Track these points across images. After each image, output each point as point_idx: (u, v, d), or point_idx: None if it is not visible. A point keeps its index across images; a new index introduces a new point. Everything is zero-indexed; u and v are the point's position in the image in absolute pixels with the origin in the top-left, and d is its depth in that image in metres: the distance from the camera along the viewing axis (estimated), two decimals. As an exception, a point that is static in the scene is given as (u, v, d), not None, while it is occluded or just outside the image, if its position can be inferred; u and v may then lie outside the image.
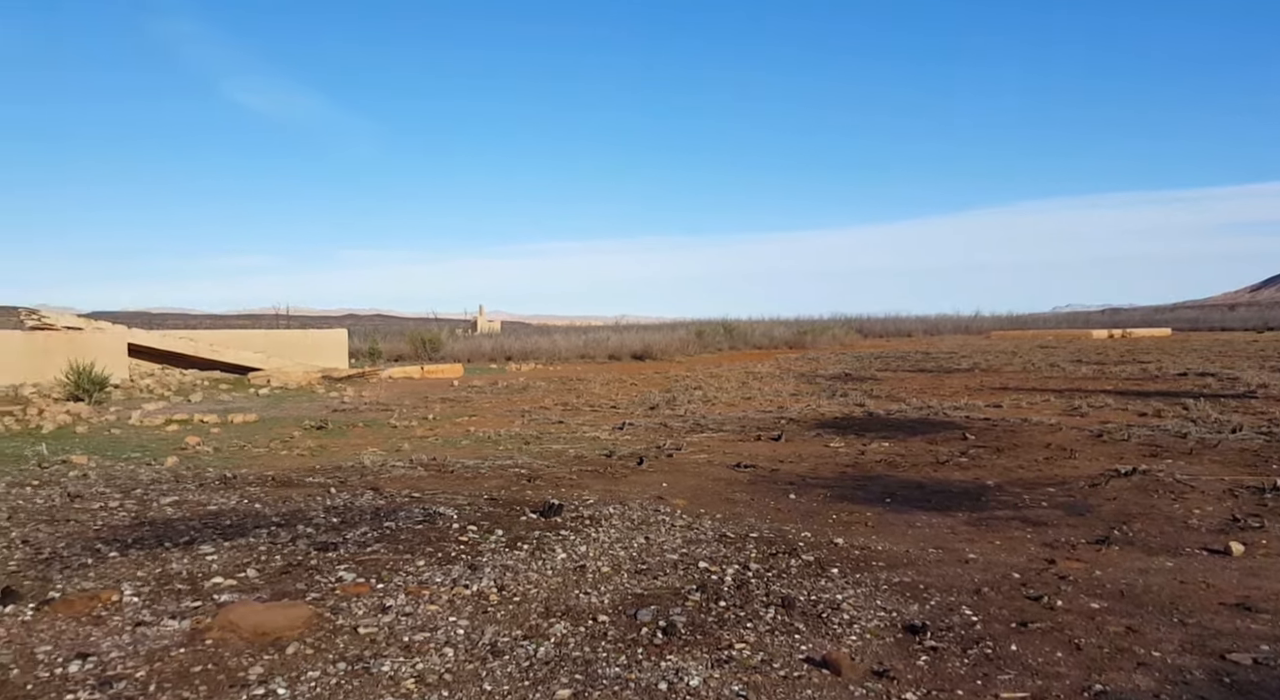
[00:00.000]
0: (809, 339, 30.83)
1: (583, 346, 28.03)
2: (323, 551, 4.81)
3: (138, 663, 3.30)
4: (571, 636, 3.62)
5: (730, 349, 29.29)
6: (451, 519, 5.56)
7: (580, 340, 29.64)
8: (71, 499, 6.23)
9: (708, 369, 21.59)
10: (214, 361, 19.24)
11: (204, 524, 5.47)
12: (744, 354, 27.59)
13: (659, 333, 31.82)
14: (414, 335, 29.20)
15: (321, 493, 6.48)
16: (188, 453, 8.63)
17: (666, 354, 26.52)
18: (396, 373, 19.87)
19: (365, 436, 9.95)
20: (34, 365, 15.92)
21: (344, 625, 3.71)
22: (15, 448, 8.99)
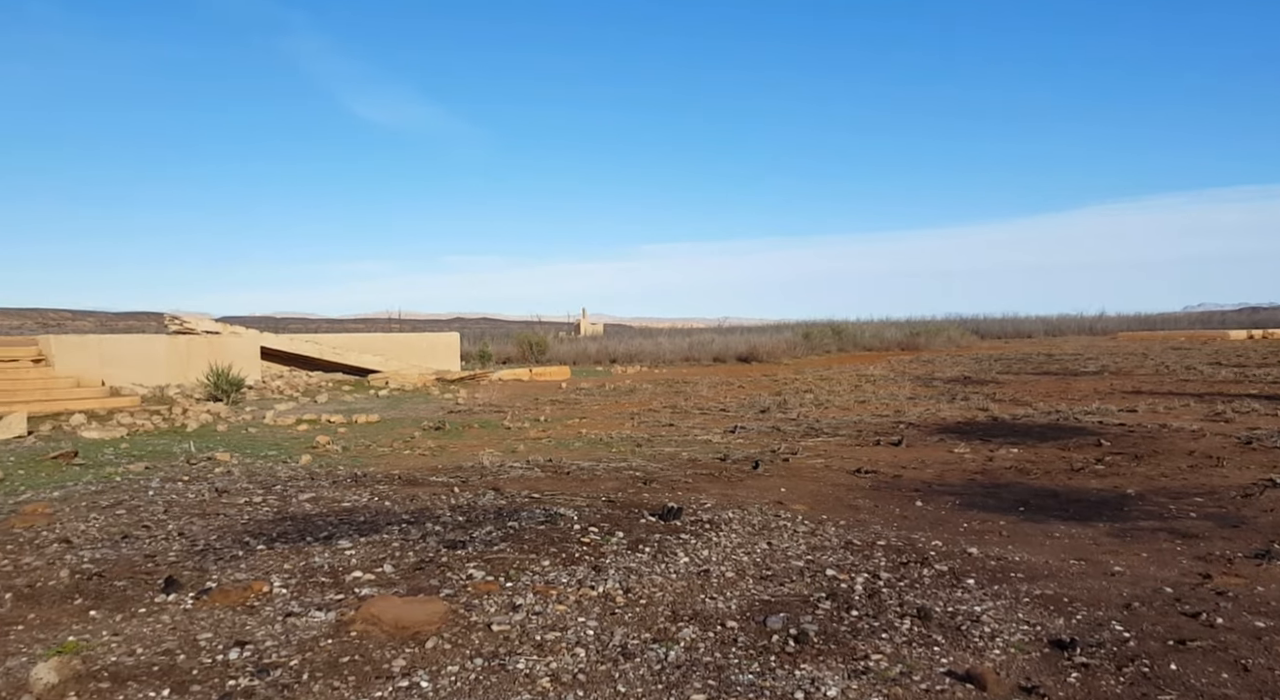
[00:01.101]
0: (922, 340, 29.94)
1: (687, 349, 28.02)
2: (452, 549, 4.94)
3: (290, 652, 3.46)
4: (701, 641, 3.60)
5: (839, 351, 28.74)
6: (572, 520, 5.62)
7: (684, 343, 29.64)
8: (219, 494, 6.60)
9: (817, 371, 21.24)
10: (336, 364, 20.09)
11: (340, 520, 5.70)
12: (854, 356, 27.02)
13: (764, 335, 31.51)
14: (521, 338, 29.80)
15: (445, 492, 6.67)
16: (319, 451, 9.02)
17: (773, 356, 26.23)
18: (506, 375, 20.31)
19: (481, 437, 10.19)
20: (177, 368, 16.98)
21: (478, 622, 3.79)
22: (165, 445, 9.60)
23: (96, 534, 5.37)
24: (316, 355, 19.85)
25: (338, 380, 19.01)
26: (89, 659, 3.34)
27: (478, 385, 18.55)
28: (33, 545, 5.10)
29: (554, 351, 28.60)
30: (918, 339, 30.27)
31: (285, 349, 19.58)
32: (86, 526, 5.55)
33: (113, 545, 5.09)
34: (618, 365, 25.38)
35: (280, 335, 20.61)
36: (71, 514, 5.91)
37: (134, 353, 16.63)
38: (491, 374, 20.30)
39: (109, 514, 5.91)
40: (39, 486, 7.03)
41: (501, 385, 18.65)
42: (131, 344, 17.05)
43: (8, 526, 5.56)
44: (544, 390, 17.05)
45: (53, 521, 5.69)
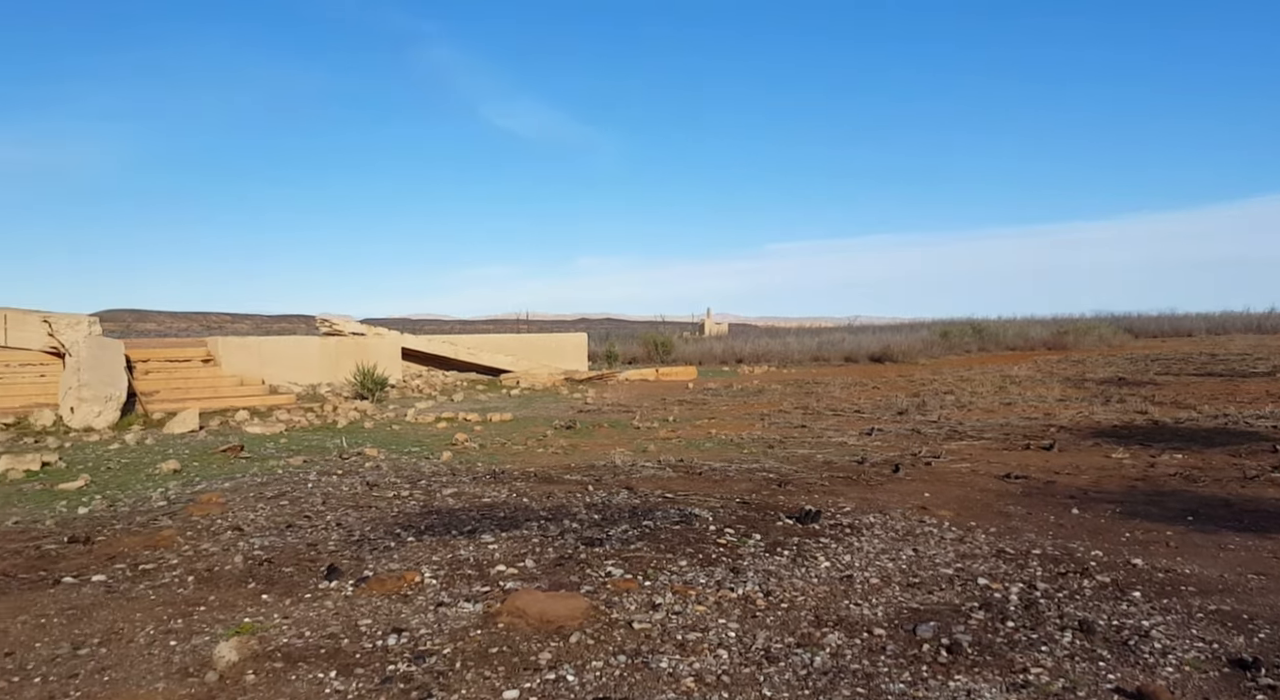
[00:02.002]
0: (1070, 339, 28.25)
1: (816, 349, 27.51)
2: (590, 546, 5.02)
3: (443, 640, 3.59)
4: (847, 648, 3.51)
5: (980, 350, 27.52)
6: (707, 521, 5.61)
7: (813, 342, 29.12)
8: (370, 487, 6.94)
9: (956, 372, 20.44)
10: (470, 364, 20.79)
11: (482, 515, 5.88)
12: (996, 356, 25.81)
13: (898, 334, 30.56)
14: (647, 338, 30.01)
15: (580, 490, 6.77)
16: (458, 448, 9.35)
17: (908, 356, 25.40)
18: (632, 375, 20.50)
19: (611, 437, 10.31)
20: (328, 367, 17.99)
21: (619, 619, 3.83)
22: (319, 440, 10.18)
23: (264, 523, 5.73)
24: (452, 355, 20.60)
25: (472, 379, 19.67)
26: (264, 640, 3.57)
27: (605, 385, 18.80)
28: (209, 532, 5.49)
29: (679, 352, 28.68)
30: (1065, 338, 28.60)
31: (424, 349, 20.41)
32: (255, 515, 5.94)
33: (279, 534, 5.42)
34: (744, 365, 25.20)
35: (419, 336, 21.50)
36: (241, 504, 6.34)
37: (289, 353, 17.72)
38: (618, 374, 20.54)
39: (274, 504, 6.30)
40: (211, 478, 7.58)
41: (628, 385, 18.84)
42: (287, 345, 18.18)
43: (187, 514, 6.02)
44: (670, 390, 17.11)
45: (225, 510, 6.11)
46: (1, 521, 5.99)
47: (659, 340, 29.14)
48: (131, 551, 5.06)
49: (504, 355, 20.97)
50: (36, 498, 6.86)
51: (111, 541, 5.32)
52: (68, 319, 13.32)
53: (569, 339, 23.65)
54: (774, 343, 30.08)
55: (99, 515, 6.15)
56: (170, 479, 7.57)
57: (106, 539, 5.38)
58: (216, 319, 65.11)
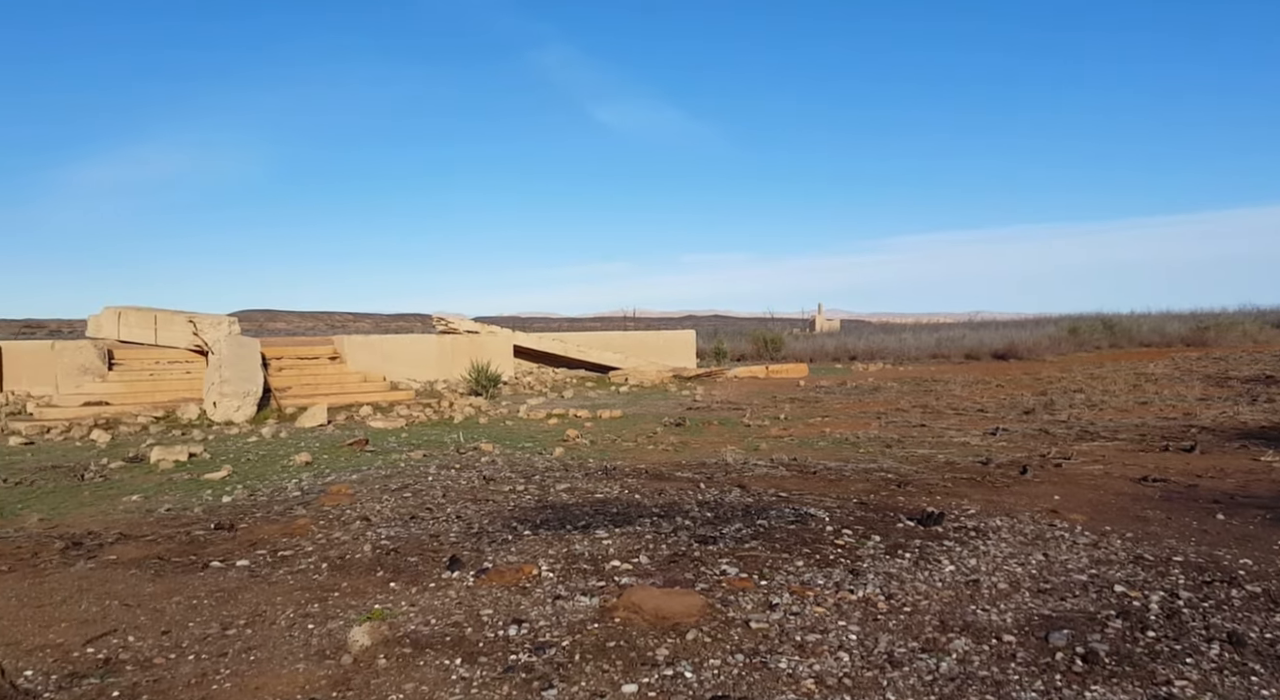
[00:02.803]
0: (1211, 335, 26.40)
1: (934, 345, 26.65)
2: (703, 544, 5.00)
3: (561, 632, 3.64)
4: (975, 654, 3.38)
5: (1111, 347, 26.06)
6: (823, 521, 5.51)
7: (931, 338, 28.23)
8: (486, 481, 7.12)
9: (1086, 369, 19.44)
10: (579, 361, 21.10)
11: (595, 510, 5.95)
12: (1129, 353, 24.39)
13: (1022, 330, 29.24)
14: (756, 335, 29.74)
15: (691, 487, 6.77)
16: (569, 444, 9.49)
17: (1034, 353, 24.29)
18: (741, 372, 20.35)
19: (722, 434, 10.26)
20: (444, 364, 18.60)
21: (735, 618, 3.80)
22: (437, 435, 10.52)
23: (389, 514, 5.97)
24: (562, 353, 20.95)
25: (581, 377, 19.95)
26: (394, 625, 3.71)
27: (714, 382, 18.74)
28: (340, 522, 5.76)
29: (789, 348, 28.30)
30: (1205, 333, 26.76)
31: (534, 347, 20.83)
32: (381, 506, 6.19)
33: (403, 524, 5.63)
34: (858, 362, 24.65)
35: (530, 334, 21.95)
36: (368, 495, 6.61)
37: (409, 351, 18.40)
38: (727, 371, 20.44)
39: (398, 496, 6.55)
40: (340, 470, 7.94)
41: (737, 383, 18.71)
42: (407, 343, 18.89)
43: (319, 504, 6.32)
44: (781, 388, 16.90)
45: (354, 501, 6.39)
46: (156, 508, 6.44)
47: (768, 337, 28.82)
48: (271, 538, 5.35)
49: (612, 353, 21.18)
50: (185, 486, 7.34)
51: (252, 529, 5.64)
52: (210, 319, 14.21)
53: (677, 336, 23.69)
54: (889, 339, 29.33)
55: (241, 504, 6.53)
56: (303, 471, 7.97)
57: (248, 526, 5.71)
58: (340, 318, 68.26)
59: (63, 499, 6.88)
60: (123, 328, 15.54)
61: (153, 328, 15.20)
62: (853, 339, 30.28)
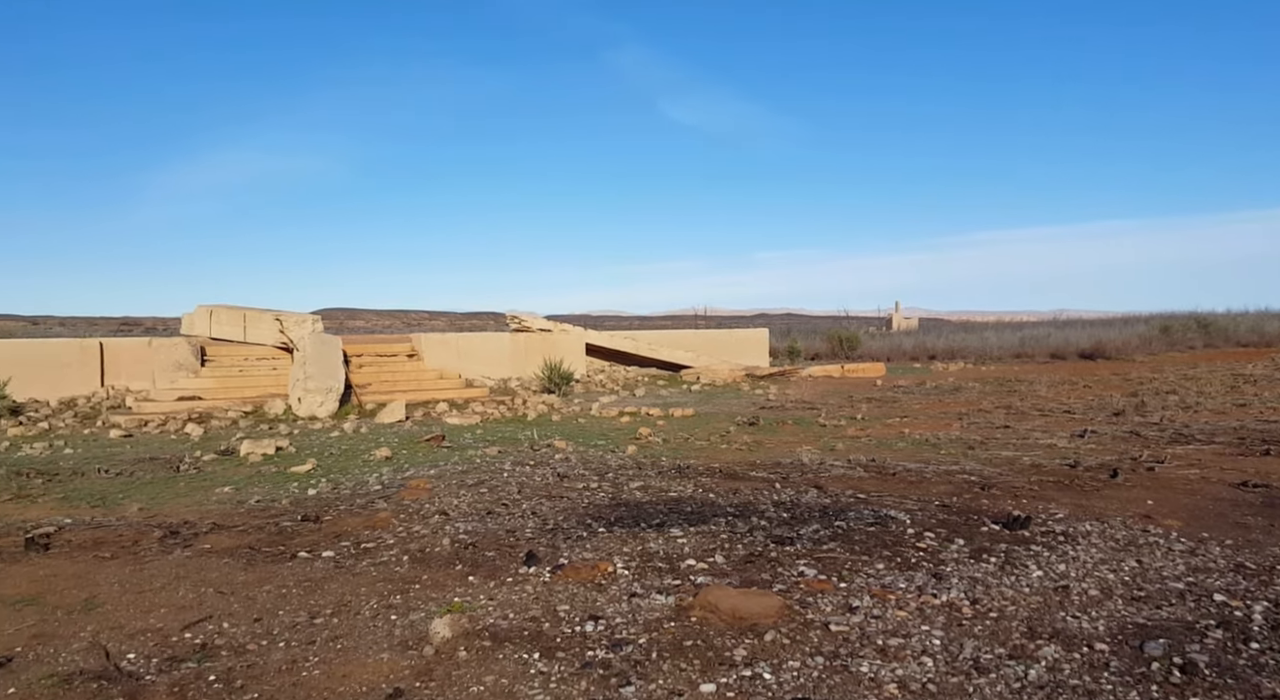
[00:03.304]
0: (1314, 335, 25.06)
1: (1018, 344, 25.87)
2: (780, 545, 4.95)
3: (637, 630, 3.64)
4: (1065, 662, 3.26)
5: (1206, 347, 24.91)
6: (904, 523, 5.39)
7: (1014, 337, 27.40)
8: (560, 478, 7.18)
9: (1179, 370, 18.63)
10: (651, 359, 21.11)
11: (669, 509, 5.94)
12: (1225, 353, 23.28)
13: (1110, 328, 28.17)
14: (831, 333, 29.32)
15: (766, 487, 6.70)
16: (642, 442, 9.50)
17: (1123, 353, 23.37)
18: (816, 371, 20.09)
19: (797, 434, 10.14)
20: (517, 362, 18.84)
21: (814, 620, 3.74)
22: (511, 432, 10.65)
23: (466, 508, 6.06)
24: (633, 351, 21.00)
25: (652, 375, 19.96)
26: (473, 618, 3.76)
27: (788, 381, 18.54)
28: (419, 516, 5.87)
29: (866, 347, 27.82)
30: (1308, 333, 25.38)
31: (606, 345, 20.93)
32: (458, 501, 6.29)
33: (480, 519, 5.72)
34: (937, 362, 24.09)
35: (602, 332, 22.06)
36: (445, 490, 6.73)
37: (483, 349, 18.69)
38: (801, 370, 20.20)
39: (474, 491, 6.65)
40: (418, 465, 8.10)
41: (812, 382, 18.48)
42: (481, 341, 19.19)
43: (399, 498, 6.46)
44: (857, 387, 16.63)
45: (432, 496, 6.51)
46: (246, 500, 6.67)
47: (844, 335, 28.38)
48: (354, 531, 5.49)
49: (684, 351, 21.14)
50: (273, 479, 7.59)
51: (337, 521, 5.79)
52: (295, 317, 14.67)
53: (750, 334, 23.51)
54: (970, 338, 28.58)
55: (325, 496, 6.72)
56: (383, 465, 8.16)
57: (332, 518, 5.87)
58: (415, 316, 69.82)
59: (160, 490, 7.18)
60: (214, 325, 16.18)
61: (241, 325, 15.78)
62: (931, 337, 29.60)
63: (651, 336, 22.12)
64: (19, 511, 6.32)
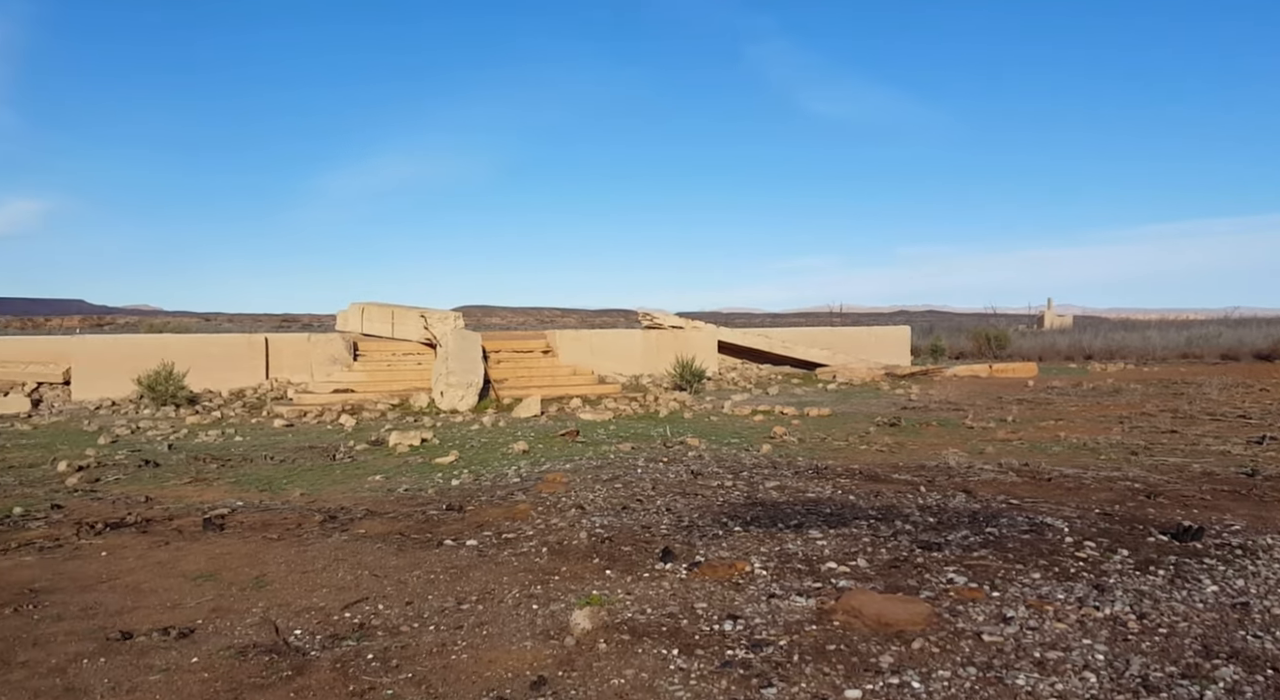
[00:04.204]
0: None
1: (1184, 344, 24.03)
2: (926, 550, 4.76)
3: (777, 632, 3.58)
4: (1246, 684, 2.99)
5: (1403, 347, 22.43)
6: (1062, 531, 5.08)
7: (1180, 336, 25.46)
8: (694, 476, 7.16)
9: (1370, 372, 16.84)
10: (784, 357, 20.81)
11: (806, 510, 5.82)
12: None
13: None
14: (976, 332, 28.07)
15: (910, 490, 6.47)
16: (776, 442, 9.37)
17: (1304, 353, 21.34)
18: (961, 371, 19.28)
19: (941, 436, 9.75)
20: (648, 359, 18.97)
21: (965, 629, 3.57)
22: (644, 428, 10.73)
23: (602, 503, 6.13)
24: (767, 349, 20.76)
25: (786, 373, 19.67)
26: (612, 612, 3.80)
27: (930, 381, 17.88)
28: (556, 509, 5.98)
29: (1015, 346, 26.49)
30: None
31: (738, 342, 20.77)
32: (594, 496, 6.38)
33: (615, 514, 5.77)
34: (1094, 362, 22.67)
35: (734, 330, 21.92)
36: (581, 484, 6.84)
37: (615, 346, 18.92)
38: (945, 370, 19.43)
39: (609, 486, 6.73)
40: (554, 459, 8.28)
41: (957, 382, 17.75)
42: (614, 338, 19.43)
43: (537, 491, 6.61)
44: (1007, 388, 15.85)
45: (568, 490, 6.63)
46: (395, 488, 7.00)
47: (991, 334, 27.10)
48: (495, 521, 5.65)
49: (819, 349, 20.74)
50: (419, 469, 7.93)
51: (478, 511, 5.98)
52: (438, 314, 15.30)
53: (890, 332, 22.83)
54: (1130, 337, 26.75)
55: (467, 487, 6.96)
56: (520, 459, 8.38)
57: (475, 509, 6.07)
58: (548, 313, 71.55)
59: (319, 476, 7.63)
60: (365, 322, 17.08)
61: (390, 322, 16.59)
62: (1088, 336, 27.86)
63: (785, 334, 21.82)
64: (197, 494, 6.85)
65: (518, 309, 74.60)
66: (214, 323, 51.62)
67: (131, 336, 17.94)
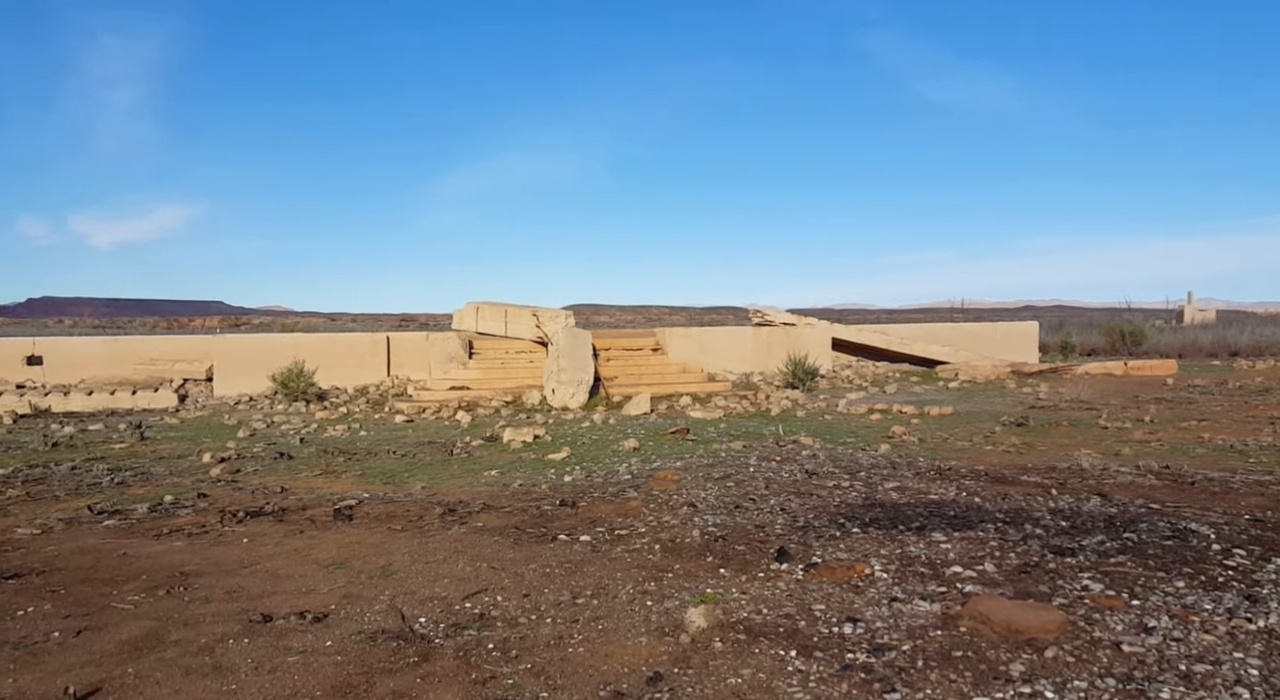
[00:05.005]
0: None
1: (1342, 340, 22.12)
2: (1059, 555, 4.52)
3: (900, 636, 3.46)
4: None
5: None
6: (1207, 538, 4.74)
7: (1339, 332, 23.45)
8: (808, 476, 7.03)
9: None
10: (902, 354, 20.22)
11: (929, 512, 5.62)
12: None
13: None
14: (1109, 327, 26.58)
15: (1040, 493, 6.17)
16: (895, 441, 9.10)
17: None
18: (1093, 368, 18.28)
19: (1073, 436, 9.27)
20: (759, 357, 18.78)
21: (1102, 638, 3.37)
22: (755, 427, 10.62)
23: (714, 501, 6.09)
24: (883, 346, 20.22)
25: (904, 371, 19.12)
26: (727, 611, 3.76)
27: (1060, 379, 17.03)
28: (668, 506, 5.98)
29: (1152, 343, 24.94)
30: None
31: (853, 340, 20.31)
32: (705, 494, 6.34)
33: (728, 513, 5.72)
34: (1241, 359, 21.11)
35: (849, 326, 21.44)
36: (692, 482, 6.81)
37: (725, 343, 18.81)
38: (1075, 367, 18.47)
39: (721, 485, 6.68)
40: (664, 456, 8.28)
41: (1088, 380, 16.84)
42: (724, 335, 19.32)
43: (648, 488, 6.62)
44: (1143, 387, 14.94)
45: (679, 487, 6.62)
46: (510, 483, 7.15)
47: (1126, 329, 25.61)
48: (607, 517, 5.69)
49: (939, 346, 20.06)
50: (532, 465, 8.08)
51: (591, 507, 6.04)
52: (549, 313, 15.57)
53: (1015, 328, 21.88)
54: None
55: (579, 483, 7.04)
56: (631, 456, 8.42)
57: (587, 505, 6.13)
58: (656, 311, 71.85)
59: (438, 471, 7.87)
60: (479, 321, 17.55)
61: (503, 321, 16.98)
62: (1233, 332, 25.98)
63: (903, 330, 21.21)
64: (327, 485, 7.18)
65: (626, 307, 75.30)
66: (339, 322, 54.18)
67: (266, 336, 19.00)
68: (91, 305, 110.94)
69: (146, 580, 4.48)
